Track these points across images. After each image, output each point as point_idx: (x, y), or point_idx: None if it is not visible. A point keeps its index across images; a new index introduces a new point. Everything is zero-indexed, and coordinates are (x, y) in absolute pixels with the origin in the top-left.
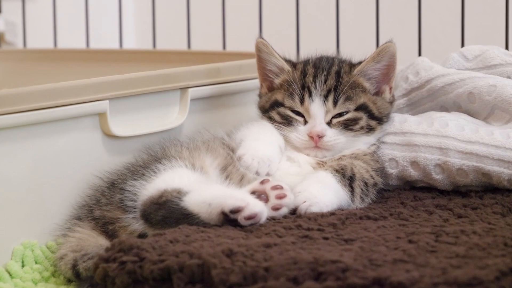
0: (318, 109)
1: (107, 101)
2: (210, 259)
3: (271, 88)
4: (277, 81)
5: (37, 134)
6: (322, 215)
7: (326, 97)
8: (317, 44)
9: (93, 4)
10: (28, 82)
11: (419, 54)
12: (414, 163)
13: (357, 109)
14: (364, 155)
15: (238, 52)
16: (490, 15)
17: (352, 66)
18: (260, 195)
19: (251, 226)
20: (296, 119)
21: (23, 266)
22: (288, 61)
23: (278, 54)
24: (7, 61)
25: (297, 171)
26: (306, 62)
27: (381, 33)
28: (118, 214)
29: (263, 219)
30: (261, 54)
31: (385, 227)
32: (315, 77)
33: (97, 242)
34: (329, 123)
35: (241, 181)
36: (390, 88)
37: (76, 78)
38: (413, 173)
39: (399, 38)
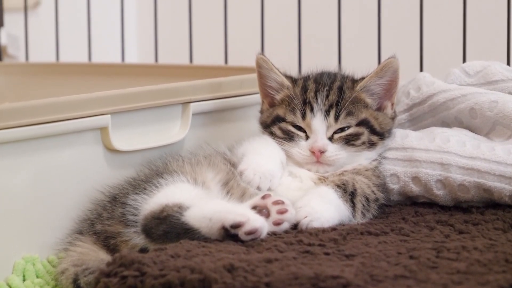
0: (319, 124)
1: (109, 115)
2: (211, 274)
3: (272, 104)
4: (278, 97)
5: (38, 148)
6: (323, 230)
7: (327, 112)
8: (318, 60)
9: (95, 18)
10: (30, 96)
11: (421, 70)
12: (415, 179)
13: (359, 124)
14: (366, 170)
15: (240, 66)
16: (492, 31)
17: (354, 81)
18: (261, 210)
19: (252, 241)
20: (297, 134)
21: (24, 280)
22: (289, 77)
23: (278, 70)
24: (9, 75)
25: (299, 186)
26: (306, 78)
27: (383, 49)
28: (120, 228)
29: (263, 234)
30: (261, 70)
31: (386, 242)
32: (316, 92)
33: (98, 257)
34: (330, 138)
35: (243, 196)
36: (392, 104)
37: (78, 92)
38: (414, 189)
39: (400, 53)
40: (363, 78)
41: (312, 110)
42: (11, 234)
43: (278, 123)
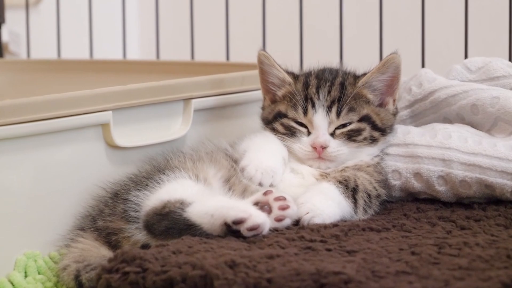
0: (321, 120)
1: (111, 111)
2: (213, 270)
3: (274, 100)
4: (279, 93)
5: (40, 145)
6: (325, 226)
7: (329, 108)
8: (320, 57)
9: (97, 15)
10: (31, 93)
11: (423, 66)
12: (417, 175)
13: (361, 120)
14: (367, 166)
15: (242, 63)
16: (494, 27)
17: (356, 77)
18: (263, 206)
19: (254, 237)
20: (299, 130)
21: (26, 276)
22: (290, 73)
23: (279, 66)
24: (11, 71)
25: (300, 183)
26: (308, 74)
27: (385, 45)
28: (121, 224)
29: (265, 230)
30: (263, 66)
31: (388, 238)
32: (318, 88)
33: (99, 253)
34: (332, 134)
35: (244, 192)
36: (394, 100)
37: (79, 89)
38: (416, 185)
39: (402, 49)
40: (365, 74)
41: (313, 106)
42: (12, 231)
43: (280, 119)
